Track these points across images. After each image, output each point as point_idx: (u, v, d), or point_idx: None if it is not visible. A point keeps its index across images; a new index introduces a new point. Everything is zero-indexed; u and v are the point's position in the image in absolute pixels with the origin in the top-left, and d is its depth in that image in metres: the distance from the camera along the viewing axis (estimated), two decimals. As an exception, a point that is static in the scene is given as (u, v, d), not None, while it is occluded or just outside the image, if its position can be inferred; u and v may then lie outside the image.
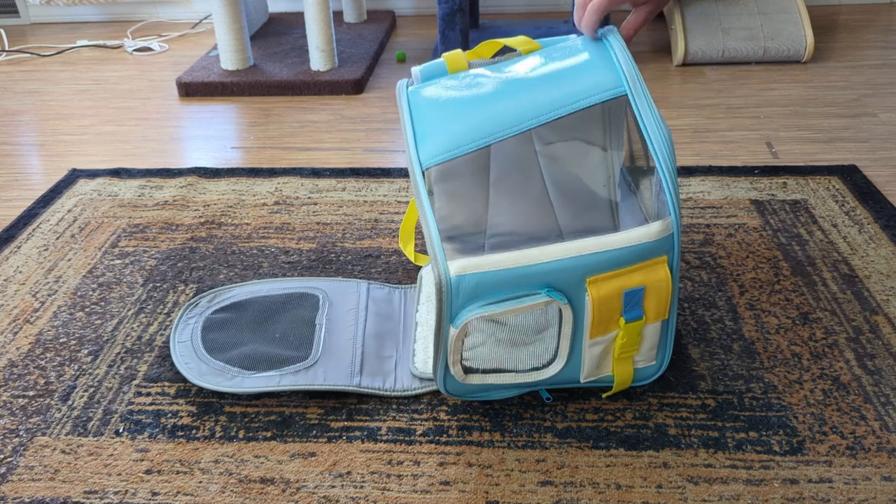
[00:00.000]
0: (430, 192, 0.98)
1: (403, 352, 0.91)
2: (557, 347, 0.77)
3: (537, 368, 0.79)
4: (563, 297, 0.72)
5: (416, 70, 0.86)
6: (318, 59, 1.81)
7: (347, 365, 0.88)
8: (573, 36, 0.87)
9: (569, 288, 0.73)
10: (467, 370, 0.78)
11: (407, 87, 0.84)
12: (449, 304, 0.71)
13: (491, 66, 0.84)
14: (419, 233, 1.12)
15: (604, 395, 0.85)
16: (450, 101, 0.79)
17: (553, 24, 2.10)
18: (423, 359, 0.89)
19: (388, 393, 0.85)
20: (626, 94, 0.74)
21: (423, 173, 0.74)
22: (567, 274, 0.72)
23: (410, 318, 0.96)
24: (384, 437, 0.81)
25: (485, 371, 0.78)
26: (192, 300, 1.01)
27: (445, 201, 0.99)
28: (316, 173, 1.37)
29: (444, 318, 0.72)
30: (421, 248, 1.11)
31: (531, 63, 0.81)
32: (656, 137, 0.72)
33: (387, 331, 0.94)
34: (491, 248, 1.00)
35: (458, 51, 0.87)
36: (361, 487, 0.75)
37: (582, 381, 0.81)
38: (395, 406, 0.85)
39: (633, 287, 0.73)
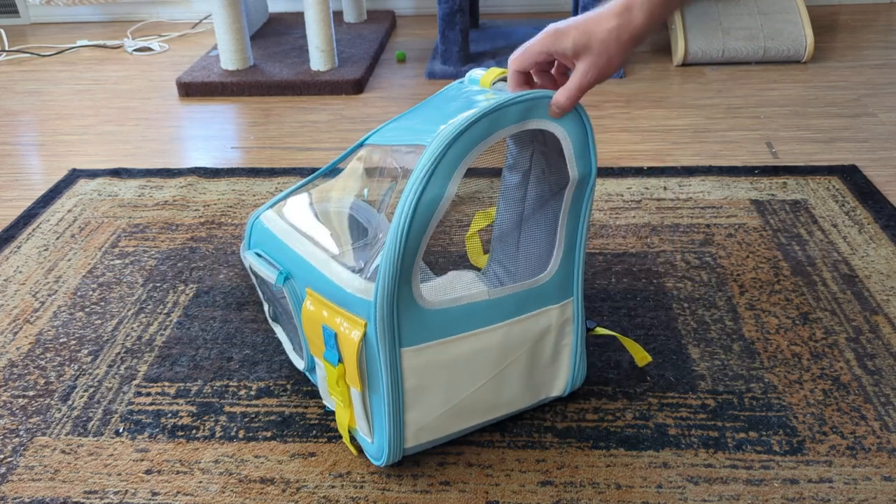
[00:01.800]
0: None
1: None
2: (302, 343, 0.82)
3: (297, 352, 0.86)
4: (291, 287, 0.76)
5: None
6: (318, 59, 1.81)
7: None
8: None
9: (298, 287, 0.76)
10: (274, 318, 0.89)
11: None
12: (248, 233, 0.84)
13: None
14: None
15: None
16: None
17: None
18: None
19: None
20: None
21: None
22: (296, 269, 0.75)
23: None
24: (384, 437, 0.81)
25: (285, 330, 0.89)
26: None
27: None
28: (316, 173, 1.37)
29: (244, 245, 0.85)
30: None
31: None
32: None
33: None
34: None
35: None
36: (361, 487, 0.75)
37: (323, 400, 0.83)
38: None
39: (330, 327, 0.71)
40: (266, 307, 0.90)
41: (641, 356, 0.88)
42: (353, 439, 0.78)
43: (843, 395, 0.84)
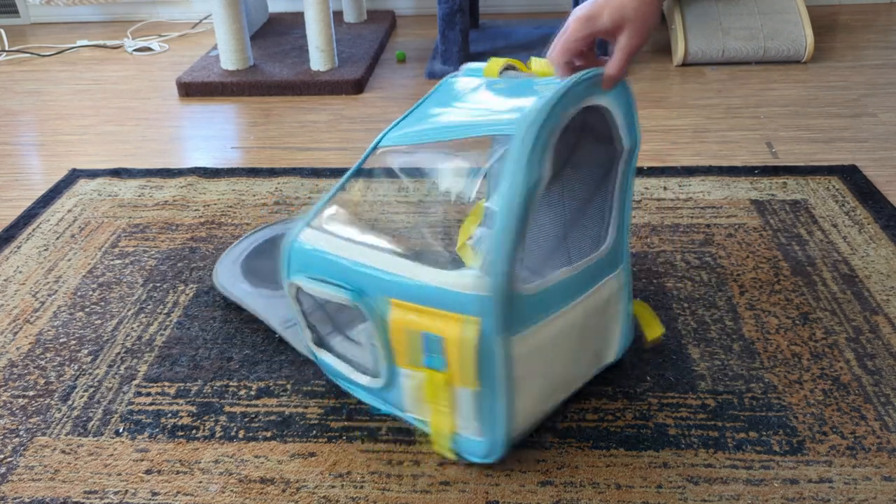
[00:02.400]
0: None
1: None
2: (377, 361, 0.77)
3: (367, 373, 0.81)
4: (367, 305, 0.72)
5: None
6: (318, 59, 1.81)
7: None
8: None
9: (374, 300, 0.72)
10: (318, 343, 0.84)
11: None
12: (287, 261, 0.78)
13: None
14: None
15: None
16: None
17: (553, 25, 2.10)
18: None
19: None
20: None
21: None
22: (372, 284, 0.72)
23: None
24: (384, 437, 0.81)
25: (333, 352, 0.84)
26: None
27: None
28: (316, 173, 1.37)
29: (283, 274, 0.80)
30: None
31: None
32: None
33: None
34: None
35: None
36: (361, 487, 0.75)
37: (404, 413, 0.80)
38: (395, 406, 0.85)
39: (432, 332, 0.69)
40: (309, 336, 0.84)
41: (654, 329, 0.87)
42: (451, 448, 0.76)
43: (843, 395, 0.84)
